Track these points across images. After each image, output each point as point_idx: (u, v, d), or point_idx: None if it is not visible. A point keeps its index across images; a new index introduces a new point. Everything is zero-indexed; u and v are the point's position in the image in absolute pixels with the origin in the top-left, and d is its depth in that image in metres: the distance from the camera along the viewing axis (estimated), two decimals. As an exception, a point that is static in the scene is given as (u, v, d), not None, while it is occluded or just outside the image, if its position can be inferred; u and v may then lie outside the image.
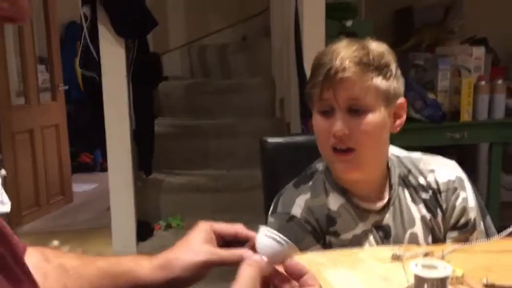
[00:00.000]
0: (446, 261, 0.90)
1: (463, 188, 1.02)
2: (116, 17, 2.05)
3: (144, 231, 2.42)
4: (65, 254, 0.78)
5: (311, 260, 0.86)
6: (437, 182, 1.02)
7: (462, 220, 1.01)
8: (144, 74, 2.34)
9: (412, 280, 0.77)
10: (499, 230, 0.96)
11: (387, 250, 0.90)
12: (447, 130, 2.57)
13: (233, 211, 2.45)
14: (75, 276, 0.73)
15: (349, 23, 2.50)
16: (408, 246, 0.96)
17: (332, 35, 2.26)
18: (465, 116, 2.56)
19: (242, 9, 3.78)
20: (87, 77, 2.29)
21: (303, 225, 0.99)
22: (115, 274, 0.73)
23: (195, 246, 0.72)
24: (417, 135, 2.52)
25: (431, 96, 2.61)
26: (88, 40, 2.16)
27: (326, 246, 0.99)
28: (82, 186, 4.09)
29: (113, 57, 2.16)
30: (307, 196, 1.02)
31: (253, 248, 0.69)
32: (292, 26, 2.37)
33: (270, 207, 1.09)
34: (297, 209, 1.00)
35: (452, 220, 1.01)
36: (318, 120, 0.98)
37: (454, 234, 1.01)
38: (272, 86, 3.16)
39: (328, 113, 0.96)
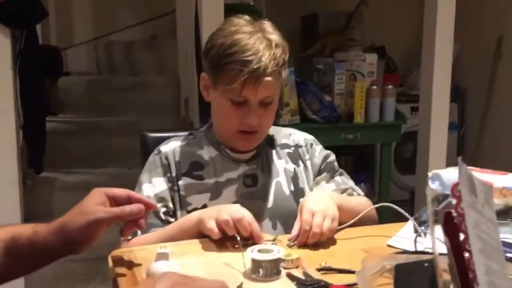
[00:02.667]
0: (295, 247, 0.95)
1: (318, 145, 1.23)
2: (0, 5, 1.94)
3: (33, 232, 2.29)
4: None
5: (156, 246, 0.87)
6: (297, 140, 1.21)
7: (325, 164, 1.19)
8: (34, 67, 2.23)
9: (249, 265, 0.80)
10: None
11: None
12: (342, 130, 2.70)
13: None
14: None
15: (249, 25, 2.54)
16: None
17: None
18: (358, 118, 2.70)
19: (152, 7, 3.72)
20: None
21: (162, 158, 1.13)
22: (11, 240, 0.78)
23: (87, 208, 0.79)
24: (313, 135, 2.57)
25: (327, 98, 2.73)
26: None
27: (179, 187, 1.11)
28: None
29: (-3, 47, 2.03)
30: (182, 142, 1.17)
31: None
32: (193, 28, 2.36)
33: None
34: (166, 147, 1.16)
35: (316, 167, 1.19)
36: (229, 107, 1.06)
37: (322, 176, 1.18)
38: (177, 85, 3.15)
39: (240, 103, 1.05)
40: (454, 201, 0.40)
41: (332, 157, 1.21)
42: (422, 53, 2.54)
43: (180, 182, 1.11)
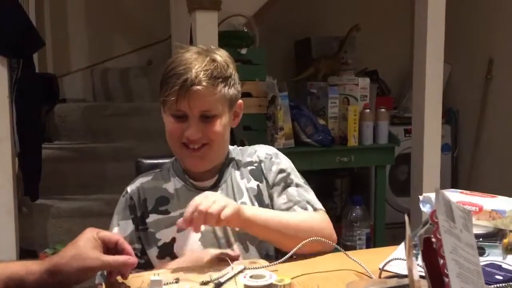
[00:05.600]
0: (286, 271, 0.95)
1: (278, 158, 1.19)
2: (-2, 35, 1.97)
3: (28, 260, 2.27)
4: None
5: (149, 274, 0.88)
6: (259, 156, 1.19)
7: (279, 177, 1.16)
8: (31, 95, 2.26)
9: (242, 290, 0.81)
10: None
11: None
12: (336, 154, 2.72)
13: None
14: None
15: (243, 51, 2.59)
16: (253, 260, 1.00)
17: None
18: (352, 141, 2.73)
19: (147, 34, 3.78)
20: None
21: (128, 200, 1.14)
22: (3, 277, 0.80)
23: (84, 252, 0.82)
24: (308, 158, 2.65)
25: (321, 122, 2.76)
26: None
27: (147, 224, 1.11)
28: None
29: (-6, 76, 2.06)
30: (147, 178, 1.18)
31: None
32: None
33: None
34: (132, 187, 1.16)
35: (271, 181, 1.16)
36: (171, 123, 1.09)
37: (273, 189, 1.15)
38: (173, 110, 3.18)
39: (181, 117, 1.07)
40: (433, 227, 0.41)
41: (290, 170, 1.17)
42: (413, 75, 2.59)
43: (148, 220, 1.11)
